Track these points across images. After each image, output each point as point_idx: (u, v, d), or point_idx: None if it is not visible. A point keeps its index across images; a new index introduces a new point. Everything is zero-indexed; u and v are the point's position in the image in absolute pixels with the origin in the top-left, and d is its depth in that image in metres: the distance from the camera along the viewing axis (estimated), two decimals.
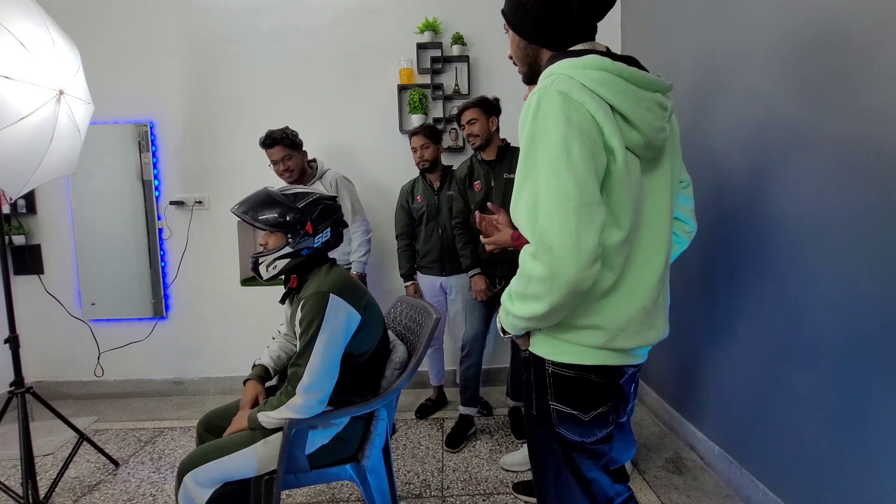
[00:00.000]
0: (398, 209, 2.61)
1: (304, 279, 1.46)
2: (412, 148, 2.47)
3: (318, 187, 2.41)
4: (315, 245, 1.43)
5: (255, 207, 1.39)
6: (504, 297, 0.90)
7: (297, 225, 1.39)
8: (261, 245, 1.44)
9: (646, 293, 0.89)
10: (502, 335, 0.98)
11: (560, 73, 0.83)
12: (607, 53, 0.86)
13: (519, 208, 0.81)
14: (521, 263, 0.82)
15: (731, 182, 1.83)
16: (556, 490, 0.97)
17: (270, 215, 1.38)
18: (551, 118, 0.77)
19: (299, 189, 1.47)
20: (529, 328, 0.92)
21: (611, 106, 0.80)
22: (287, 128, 2.34)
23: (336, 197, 1.53)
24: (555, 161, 0.76)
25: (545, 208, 0.76)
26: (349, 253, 2.44)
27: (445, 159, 2.74)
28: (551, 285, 0.77)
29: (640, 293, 0.88)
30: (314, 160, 2.50)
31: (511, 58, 1.03)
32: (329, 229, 1.45)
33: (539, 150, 0.78)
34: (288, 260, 1.41)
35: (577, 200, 0.74)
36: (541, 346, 0.93)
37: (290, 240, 1.40)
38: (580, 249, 0.74)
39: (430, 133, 2.45)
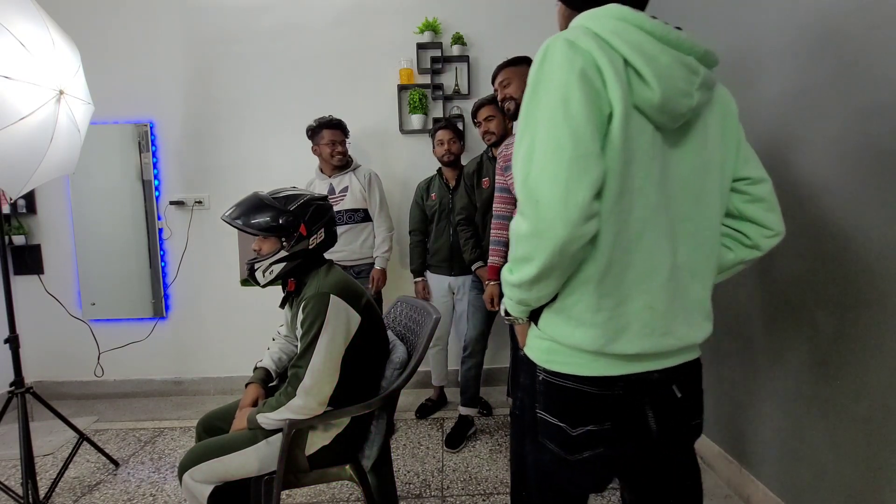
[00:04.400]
0: (413, 205, 2.65)
1: (302, 282, 1.45)
2: (439, 140, 2.49)
3: (353, 179, 2.47)
4: (310, 247, 1.41)
5: (246, 213, 1.36)
6: (504, 269, 0.83)
7: (291, 228, 1.37)
8: (254, 251, 1.41)
9: (651, 291, 0.78)
10: (504, 317, 0.91)
11: (577, 24, 0.78)
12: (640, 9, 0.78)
13: (517, 161, 0.75)
14: (511, 224, 0.77)
15: None
16: (526, 498, 0.93)
17: (262, 220, 1.35)
18: (555, 66, 0.72)
19: (290, 192, 1.45)
20: (523, 301, 0.82)
21: (624, 59, 0.73)
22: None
23: (326, 197, 1.52)
24: (553, 110, 0.71)
25: (538, 160, 0.71)
26: (350, 251, 2.45)
27: None
28: (538, 243, 0.71)
29: (645, 288, 0.78)
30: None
31: None
32: (323, 230, 1.44)
33: (540, 98, 0.73)
34: (284, 264, 1.40)
35: (570, 152, 0.68)
36: (535, 350, 0.87)
37: (284, 243, 1.38)
38: (568, 204, 0.68)
39: (457, 129, 2.54)
